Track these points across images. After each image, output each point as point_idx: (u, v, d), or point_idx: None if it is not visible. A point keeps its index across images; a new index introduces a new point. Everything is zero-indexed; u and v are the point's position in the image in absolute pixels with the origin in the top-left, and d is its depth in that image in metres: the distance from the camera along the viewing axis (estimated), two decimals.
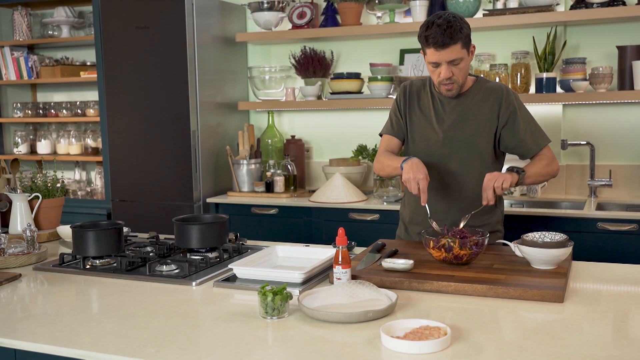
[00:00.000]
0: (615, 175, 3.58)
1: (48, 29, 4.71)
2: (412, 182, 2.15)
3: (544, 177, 2.34)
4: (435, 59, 2.21)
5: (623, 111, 3.58)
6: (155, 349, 1.46)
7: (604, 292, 1.85)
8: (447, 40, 2.15)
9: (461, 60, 2.22)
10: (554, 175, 2.37)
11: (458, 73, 2.24)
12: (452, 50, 2.18)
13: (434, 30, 2.16)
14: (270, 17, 3.97)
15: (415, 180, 2.14)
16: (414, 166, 2.17)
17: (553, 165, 2.34)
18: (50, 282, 2.09)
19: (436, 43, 2.16)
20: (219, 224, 2.30)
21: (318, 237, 3.56)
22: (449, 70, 2.22)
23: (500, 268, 1.97)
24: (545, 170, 2.32)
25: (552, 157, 2.35)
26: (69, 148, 4.62)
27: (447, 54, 2.18)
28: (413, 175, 2.15)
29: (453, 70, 2.23)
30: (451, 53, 2.18)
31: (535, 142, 2.34)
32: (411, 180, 2.15)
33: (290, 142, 4.10)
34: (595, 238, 3.07)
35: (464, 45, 2.20)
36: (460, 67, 2.23)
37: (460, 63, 2.22)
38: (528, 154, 2.35)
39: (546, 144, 2.36)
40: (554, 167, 2.34)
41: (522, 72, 3.58)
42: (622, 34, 3.52)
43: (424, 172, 2.16)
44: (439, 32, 2.15)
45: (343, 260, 1.81)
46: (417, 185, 2.14)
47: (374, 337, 1.48)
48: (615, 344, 1.45)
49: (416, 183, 2.14)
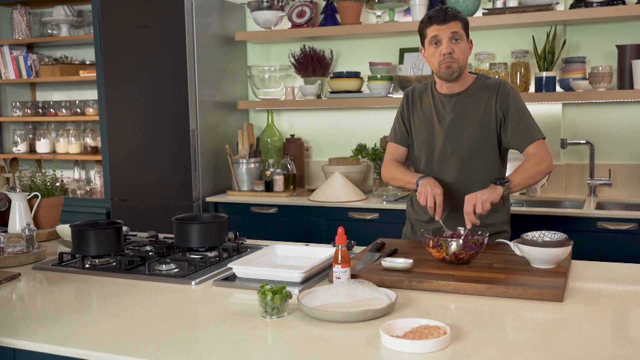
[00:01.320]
0: (614, 175, 3.58)
1: (47, 28, 4.70)
2: (428, 196, 2.19)
3: (534, 178, 2.29)
4: (437, 33, 2.27)
5: (623, 110, 3.58)
6: (154, 349, 1.46)
7: (603, 292, 1.85)
8: (449, 17, 2.26)
9: (461, 39, 2.28)
10: (546, 173, 2.31)
11: (458, 52, 2.28)
12: (453, 25, 2.26)
13: (435, 11, 2.28)
14: (270, 16, 3.97)
15: (432, 194, 2.19)
16: (431, 182, 2.23)
17: (543, 163, 2.28)
18: (49, 281, 2.09)
19: (438, 18, 2.26)
20: (219, 223, 2.30)
21: (317, 236, 3.56)
22: (450, 47, 2.26)
23: (500, 267, 1.97)
24: (534, 171, 2.27)
25: (544, 154, 2.30)
26: (68, 147, 4.62)
27: (449, 28, 2.25)
28: (431, 190, 2.19)
29: (454, 47, 2.27)
30: (452, 27, 2.26)
31: (528, 135, 2.31)
32: (428, 193, 2.19)
33: (290, 141, 4.09)
34: (595, 237, 3.07)
35: (463, 27, 2.29)
36: (460, 47, 2.28)
37: (461, 42, 2.28)
38: (520, 147, 2.33)
39: (538, 138, 2.31)
40: (544, 165, 2.28)
41: (522, 71, 3.57)
42: (622, 33, 3.52)
43: (440, 188, 2.21)
44: (440, 11, 2.27)
45: (342, 260, 1.80)
46: (433, 200, 2.18)
47: (373, 336, 1.48)
48: (615, 343, 1.45)
49: (432, 197, 2.18)
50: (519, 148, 2.33)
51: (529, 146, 2.31)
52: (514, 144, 2.34)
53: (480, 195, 2.13)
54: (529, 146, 2.31)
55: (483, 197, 2.12)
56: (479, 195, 2.13)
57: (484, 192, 2.14)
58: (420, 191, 2.22)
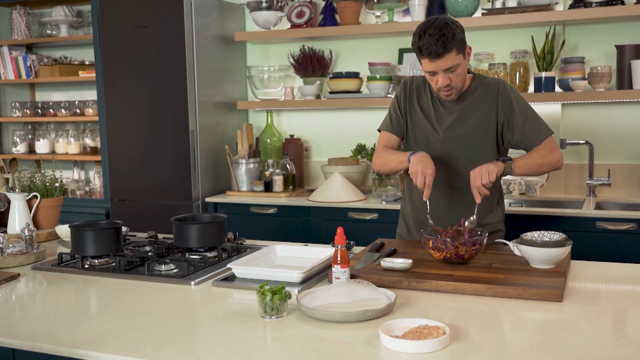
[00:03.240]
0: (614, 175, 3.58)
1: (46, 28, 4.70)
2: (419, 175, 2.13)
3: (541, 167, 2.27)
4: (431, 69, 2.19)
5: (622, 110, 3.58)
6: (154, 349, 1.46)
7: (602, 292, 1.85)
8: (440, 50, 2.12)
9: (457, 67, 2.18)
10: (555, 167, 2.29)
11: (455, 79, 2.22)
12: (447, 59, 2.15)
13: (426, 40, 2.13)
14: (269, 16, 3.97)
15: (423, 174, 2.12)
16: (423, 159, 2.16)
17: (553, 156, 2.27)
18: (48, 281, 2.09)
19: (430, 54, 2.14)
20: (218, 223, 2.30)
21: (317, 237, 3.56)
22: (446, 78, 2.20)
23: (499, 267, 1.97)
24: (542, 160, 2.26)
25: (554, 147, 2.28)
26: (67, 147, 4.62)
27: (443, 63, 2.15)
28: (422, 169, 2.13)
29: (450, 77, 2.20)
30: (446, 61, 2.15)
31: (536, 134, 2.29)
32: (419, 173, 2.13)
33: (289, 142, 4.09)
34: (594, 237, 3.07)
35: (458, 51, 2.16)
36: (457, 73, 2.20)
37: (457, 69, 2.19)
38: (530, 147, 2.31)
39: (548, 135, 2.30)
40: (553, 157, 2.27)
41: (521, 72, 3.58)
42: (621, 33, 3.52)
43: (432, 167, 2.14)
44: (432, 43, 2.11)
45: (342, 260, 1.80)
46: (424, 179, 2.12)
47: (372, 336, 1.48)
48: (614, 343, 1.45)
49: (423, 177, 2.12)
50: (528, 148, 2.32)
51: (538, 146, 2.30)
52: (523, 146, 2.33)
53: (487, 166, 2.12)
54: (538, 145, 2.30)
55: (490, 167, 2.12)
56: (484, 166, 2.12)
57: (489, 164, 2.14)
58: (412, 171, 2.15)
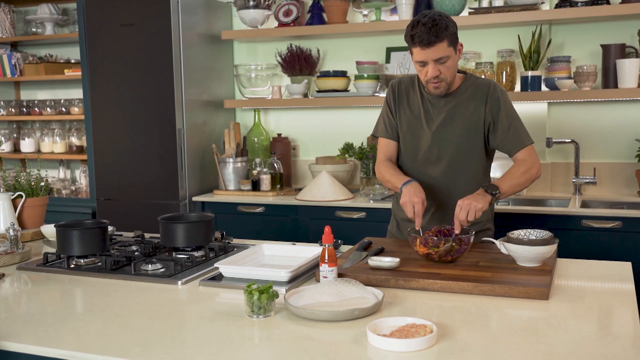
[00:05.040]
0: (599, 173, 3.61)
1: (31, 26, 4.67)
2: (407, 206, 2.18)
3: (522, 186, 2.29)
4: (422, 58, 2.20)
5: (607, 109, 3.61)
6: (140, 349, 1.45)
7: (588, 289, 1.86)
8: (432, 39, 2.14)
9: (448, 59, 2.20)
10: (534, 179, 2.32)
11: (445, 71, 2.23)
12: (438, 49, 2.17)
13: (419, 29, 2.15)
14: (257, 14, 3.96)
15: (411, 203, 2.17)
16: (412, 190, 2.20)
17: (532, 170, 2.29)
18: (34, 281, 2.07)
19: (422, 42, 2.16)
20: (205, 222, 2.29)
21: (304, 236, 3.56)
22: (436, 69, 2.21)
23: (486, 265, 1.98)
24: (523, 179, 2.27)
25: (534, 160, 2.30)
26: (53, 146, 4.58)
27: (433, 53, 2.17)
28: (409, 199, 2.18)
29: (440, 68, 2.21)
30: (437, 51, 2.17)
31: (517, 141, 2.31)
32: (407, 203, 2.18)
33: (277, 140, 4.09)
34: (580, 235, 3.09)
35: (450, 43, 2.19)
36: (447, 65, 2.22)
37: (447, 61, 2.21)
38: (510, 152, 2.33)
39: (528, 144, 2.31)
40: (533, 172, 2.29)
41: (508, 71, 3.59)
42: (606, 32, 3.55)
43: (421, 197, 2.18)
44: (424, 31, 2.14)
45: (329, 259, 1.80)
46: (412, 210, 2.17)
47: (360, 335, 1.48)
48: (600, 341, 1.46)
49: (412, 206, 2.17)
50: (509, 153, 2.34)
51: (518, 152, 2.32)
52: (504, 149, 2.34)
53: (475, 203, 2.10)
54: (519, 152, 2.31)
55: (478, 205, 2.10)
56: (474, 203, 2.10)
57: (478, 200, 2.12)
58: (402, 202, 2.21)
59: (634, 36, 3.48)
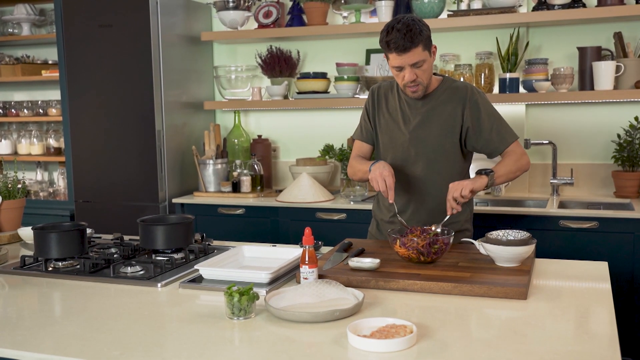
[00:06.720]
0: (576, 174, 3.65)
1: (8, 27, 4.61)
2: (378, 179, 2.18)
3: (515, 173, 2.34)
4: (398, 63, 2.23)
5: (584, 111, 3.66)
6: (119, 352, 1.44)
7: (565, 289, 1.89)
8: (407, 44, 2.17)
9: (424, 62, 2.23)
10: (525, 170, 2.36)
11: (422, 75, 2.26)
12: (414, 54, 2.19)
13: (394, 35, 2.17)
14: (236, 16, 3.95)
15: (381, 176, 2.18)
16: (381, 166, 2.22)
17: (522, 160, 2.34)
18: (11, 285, 2.05)
19: (397, 47, 2.18)
20: (185, 224, 2.28)
21: (285, 237, 3.56)
22: (413, 73, 2.24)
23: (465, 266, 2.00)
24: (515, 166, 2.32)
25: (521, 152, 2.35)
26: (30, 148, 4.53)
27: (409, 58, 2.20)
28: (379, 172, 2.19)
29: (416, 72, 2.24)
30: (413, 56, 2.19)
31: (501, 139, 2.35)
32: (377, 177, 2.19)
33: (257, 142, 4.08)
34: (558, 235, 3.13)
35: (425, 47, 2.21)
36: (423, 68, 2.24)
37: (423, 65, 2.24)
38: (495, 152, 2.36)
39: (513, 140, 2.36)
40: (523, 161, 2.34)
41: (486, 73, 3.62)
42: (583, 35, 3.60)
43: (390, 170, 2.20)
44: (399, 37, 2.16)
45: (310, 260, 1.81)
46: (384, 183, 2.17)
47: (340, 336, 1.49)
48: (577, 340, 1.48)
49: (383, 179, 2.17)
50: (496, 152, 2.37)
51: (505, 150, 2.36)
52: (487, 150, 2.37)
53: (466, 183, 2.16)
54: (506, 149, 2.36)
55: (468, 185, 2.16)
56: (464, 182, 2.17)
57: (468, 180, 2.19)
58: (371, 177, 2.23)
59: (609, 39, 3.53)
